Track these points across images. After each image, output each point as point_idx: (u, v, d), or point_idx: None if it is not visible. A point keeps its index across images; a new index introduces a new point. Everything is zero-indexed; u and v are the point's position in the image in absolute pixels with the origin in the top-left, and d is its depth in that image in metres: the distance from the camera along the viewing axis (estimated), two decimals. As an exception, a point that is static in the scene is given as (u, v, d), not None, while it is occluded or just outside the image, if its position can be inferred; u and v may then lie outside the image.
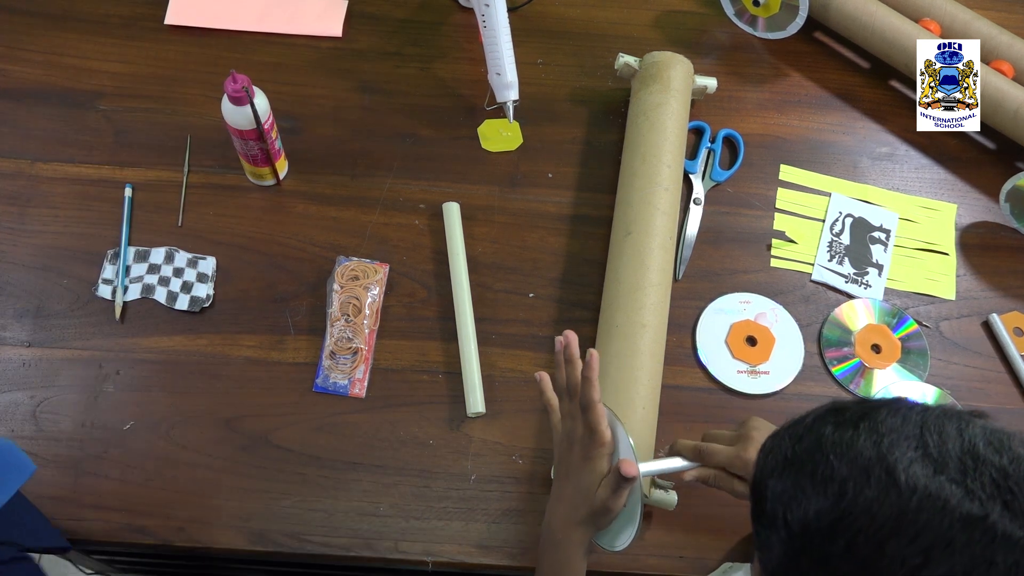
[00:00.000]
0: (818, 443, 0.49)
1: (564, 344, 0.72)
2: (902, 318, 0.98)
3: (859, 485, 0.46)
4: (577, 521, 0.71)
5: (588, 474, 0.69)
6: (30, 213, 0.96)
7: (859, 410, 0.51)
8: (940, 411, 0.49)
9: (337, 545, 0.83)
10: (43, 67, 1.05)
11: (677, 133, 0.98)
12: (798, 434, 0.52)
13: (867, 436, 0.48)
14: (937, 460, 0.46)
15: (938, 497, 0.45)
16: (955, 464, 0.46)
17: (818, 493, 0.48)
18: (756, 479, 0.53)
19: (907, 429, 0.48)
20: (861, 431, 0.48)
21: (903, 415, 0.49)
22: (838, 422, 0.50)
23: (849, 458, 0.47)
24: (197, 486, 0.84)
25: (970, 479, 0.45)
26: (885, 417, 0.49)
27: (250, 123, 0.88)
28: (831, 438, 0.49)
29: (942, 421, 0.48)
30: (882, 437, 0.47)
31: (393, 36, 1.11)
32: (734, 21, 1.13)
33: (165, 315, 0.92)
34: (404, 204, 1.00)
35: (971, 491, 0.45)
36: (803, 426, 0.52)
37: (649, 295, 0.89)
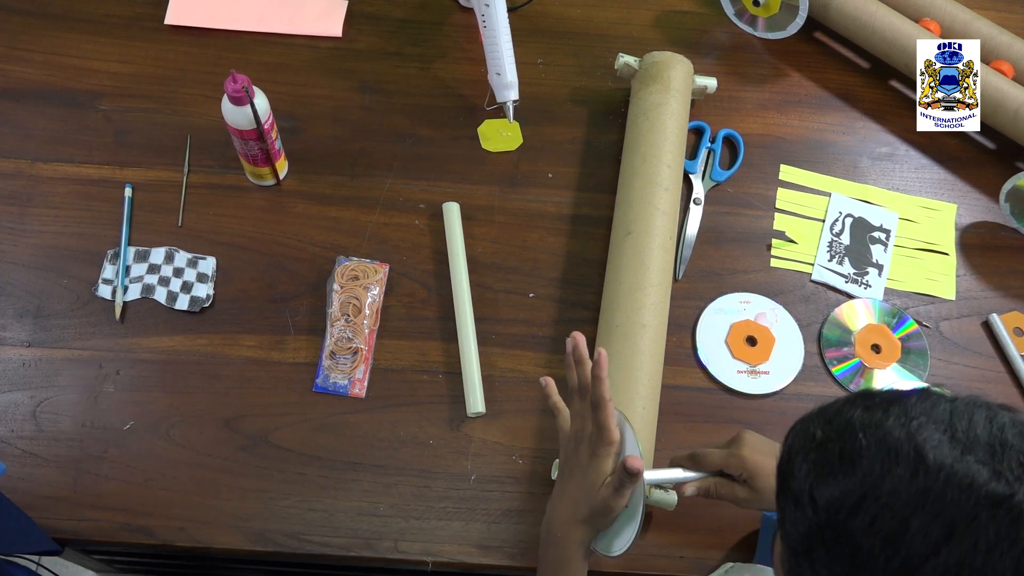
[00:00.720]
0: (848, 424, 0.50)
1: (573, 345, 0.73)
2: (902, 318, 0.98)
3: (887, 464, 0.47)
4: (579, 519, 0.71)
5: (593, 472, 0.70)
6: (30, 213, 0.96)
7: (889, 396, 0.51)
8: (969, 400, 0.49)
9: (337, 545, 0.83)
10: (43, 67, 1.05)
11: (677, 133, 0.98)
12: (827, 416, 0.52)
13: (896, 419, 0.48)
14: (965, 444, 0.46)
15: (965, 475, 0.45)
16: (983, 448, 0.46)
17: (846, 471, 0.48)
18: (783, 458, 0.54)
19: (936, 414, 0.48)
20: (891, 414, 0.49)
21: (932, 401, 0.49)
22: (868, 405, 0.51)
23: (878, 437, 0.48)
24: (197, 486, 0.84)
25: (997, 462, 0.45)
26: (915, 403, 0.49)
27: (250, 123, 0.88)
28: (861, 418, 0.50)
29: (971, 409, 0.48)
30: (911, 420, 0.48)
31: (393, 36, 1.11)
32: (734, 21, 1.13)
33: (165, 315, 0.92)
34: (404, 204, 1.00)
35: (998, 472, 0.45)
36: (832, 409, 0.53)
37: (649, 295, 0.89)
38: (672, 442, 0.89)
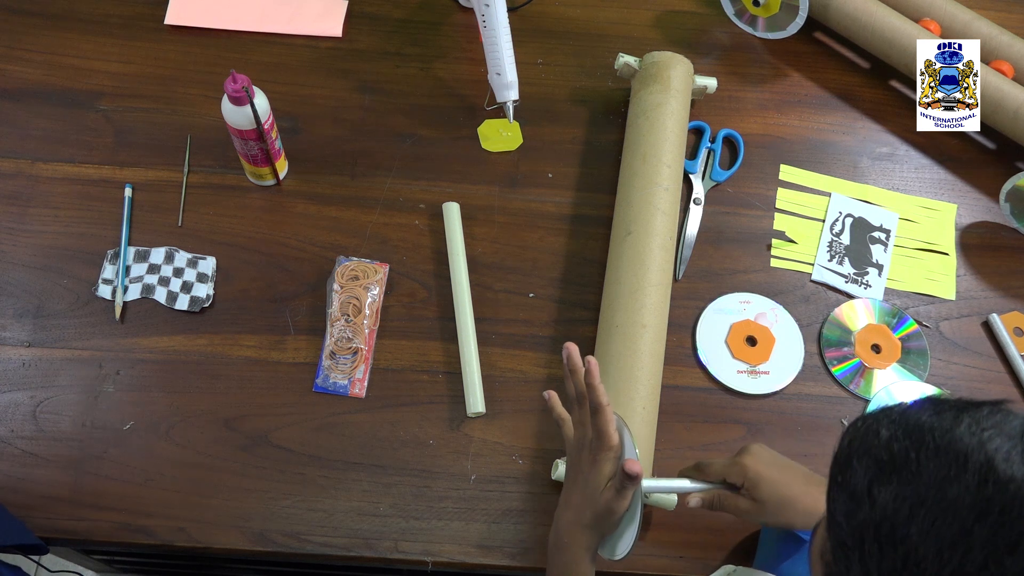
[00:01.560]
0: (916, 427, 0.49)
1: (567, 355, 0.73)
2: (902, 318, 0.98)
3: (955, 470, 0.46)
4: (583, 524, 0.71)
5: (595, 476, 0.70)
6: (30, 213, 0.96)
7: (960, 404, 0.50)
8: None
9: (337, 545, 0.83)
10: (43, 67, 1.05)
11: (677, 133, 0.98)
12: (893, 416, 0.51)
13: (968, 427, 0.47)
14: None
15: None
16: None
17: (911, 473, 0.47)
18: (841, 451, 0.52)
19: (1009, 427, 0.47)
20: (962, 421, 0.48)
21: (1004, 414, 0.48)
22: (938, 410, 0.49)
23: (946, 442, 0.47)
24: (197, 486, 0.84)
25: None
26: (987, 413, 0.48)
27: (250, 123, 0.88)
28: (930, 423, 0.48)
29: None
30: (983, 430, 0.47)
31: (393, 36, 1.11)
32: (734, 21, 1.13)
33: (165, 315, 0.92)
34: (404, 204, 1.00)
35: None
36: (898, 411, 0.51)
37: (649, 295, 0.89)
38: (672, 442, 0.89)
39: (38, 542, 0.80)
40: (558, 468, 0.83)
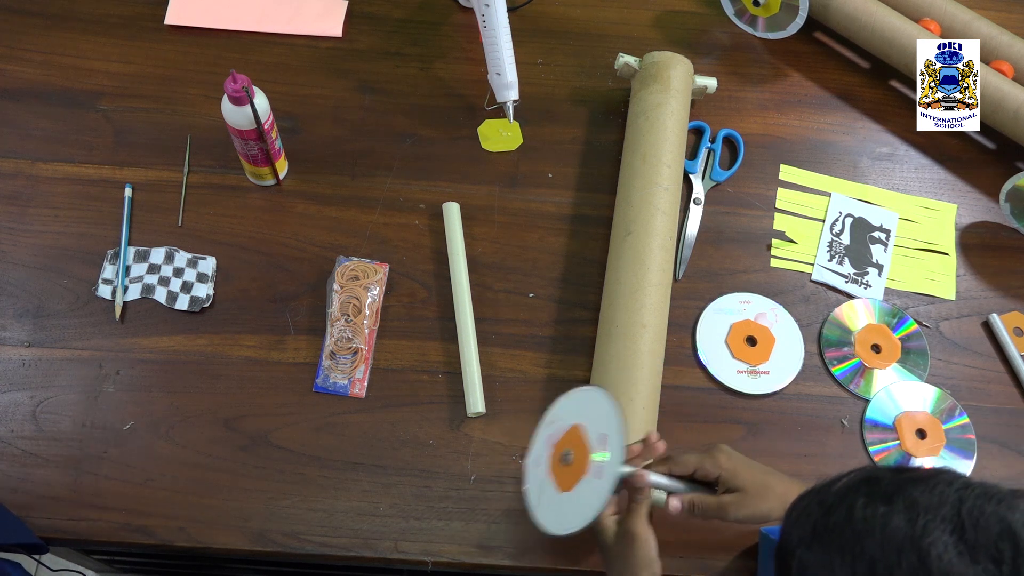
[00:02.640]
0: (849, 516, 0.48)
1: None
2: (902, 318, 0.98)
3: (890, 567, 0.45)
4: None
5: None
6: (30, 213, 0.96)
7: (894, 483, 0.49)
8: (980, 491, 0.47)
9: (337, 545, 0.83)
10: (43, 67, 1.05)
11: (677, 133, 0.98)
12: (828, 503, 0.50)
13: (900, 514, 0.46)
14: (972, 546, 0.44)
15: None
16: (991, 551, 0.44)
17: (846, 570, 0.47)
18: (782, 546, 0.52)
19: (943, 510, 0.46)
20: (895, 507, 0.47)
21: (940, 492, 0.47)
22: (871, 494, 0.48)
23: (881, 537, 0.46)
24: (197, 486, 0.84)
25: (1005, 568, 0.44)
26: (921, 494, 0.47)
27: (250, 123, 0.88)
28: (863, 513, 0.48)
29: (981, 503, 0.46)
30: (916, 516, 0.46)
31: (393, 36, 1.11)
32: (734, 21, 1.13)
33: (165, 315, 0.92)
34: (404, 204, 1.00)
35: None
36: (833, 494, 0.51)
37: (649, 295, 0.89)
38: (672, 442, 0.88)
39: (38, 541, 0.80)
40: None
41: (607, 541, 0.74)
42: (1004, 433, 0.93)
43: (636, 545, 0.71)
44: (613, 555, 0.73)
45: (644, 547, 0.71)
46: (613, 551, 0.73)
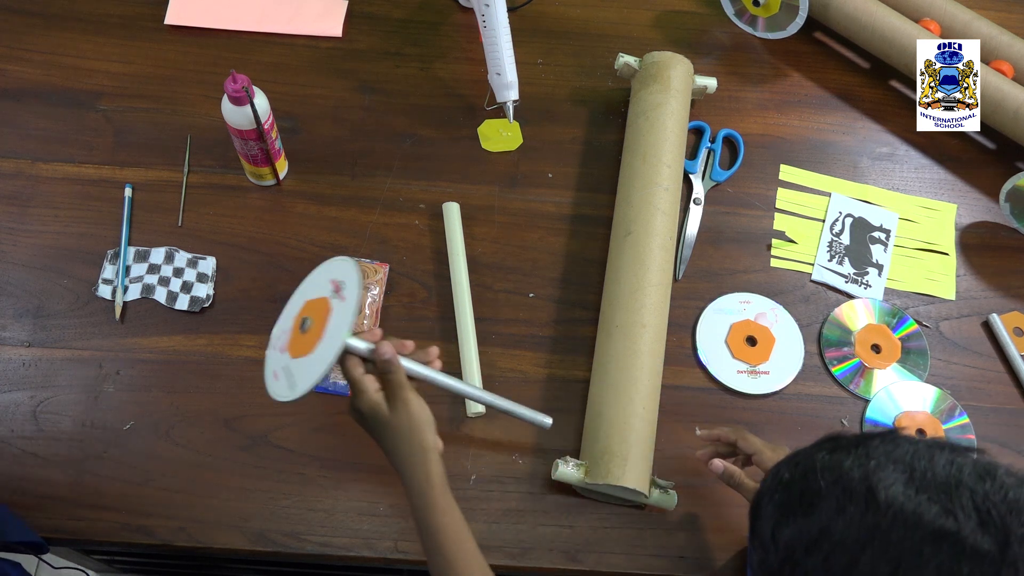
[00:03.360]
0: (811, 466, 0.51)
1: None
2: (902, 318, 0.98)
3: (841, 503, 0.48)
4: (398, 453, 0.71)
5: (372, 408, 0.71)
6: (30, 213, 0.96)
7: (855, 439, 0.52)
8: (933, 442, 0.50)
9: (337, 545, 0.83)
10: (43, 67, 1.05)
11: (677, 133, 0.98)
12: (795, 460, 0.53)
13: (856, 459, 0.49)
14: (920, 484, 0.47)
15: (913, 512, 0.46)
16: (938, 487, 0.47)
17: (805, 511, 0.49)
18: (754, 500, 0.55)
19: (896, 454, 0.49)
20: (852, 455, 0.50)
21: (896, 443, 0.50)
22: (833, 448, 0.52)
23: (835, 478, 0.49)
24: (197, 486, 0.84)
25: (949, 500, 0.46)
26: (878, 444, 0.50)
27: (250, 123, 0.88)
28: (823, 461, 0.51)
29: (932, 451, 0.49)
30: (870, 460, 0.49)
31: (393, 36, 1.11)
32: (734, 21, 1.13)
33: (165, 315, 0.92)
34: (404, 204, 1.00)
35: (948, 510, 0.46)
36: (803, 453, 0.54)
37: (649, 295, 0.89)
38: (672, 442, 0.89)
39: (39, 540, 0.80)
40: (558, 468, 0.83)
41: (383, 420, 0.71)
42: (1004, 433, 0.93)
43: (411, 408, 0.70)
44: (391, 429, 0.71)
45: (417, 406, 0.71)
46: (387, 427, 0.71)
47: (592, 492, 0.85)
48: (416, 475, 0.71)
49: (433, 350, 0.75)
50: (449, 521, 0.71)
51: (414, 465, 0.71)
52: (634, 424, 0.83)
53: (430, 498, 0.70)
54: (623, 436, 0.82)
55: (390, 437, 0.71)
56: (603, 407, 0.85)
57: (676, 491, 0.84)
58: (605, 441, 0.83)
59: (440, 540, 0.70)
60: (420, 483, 0.71)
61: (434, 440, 0.72)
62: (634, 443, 0.82)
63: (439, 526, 0.70)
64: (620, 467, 0.81)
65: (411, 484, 0.71)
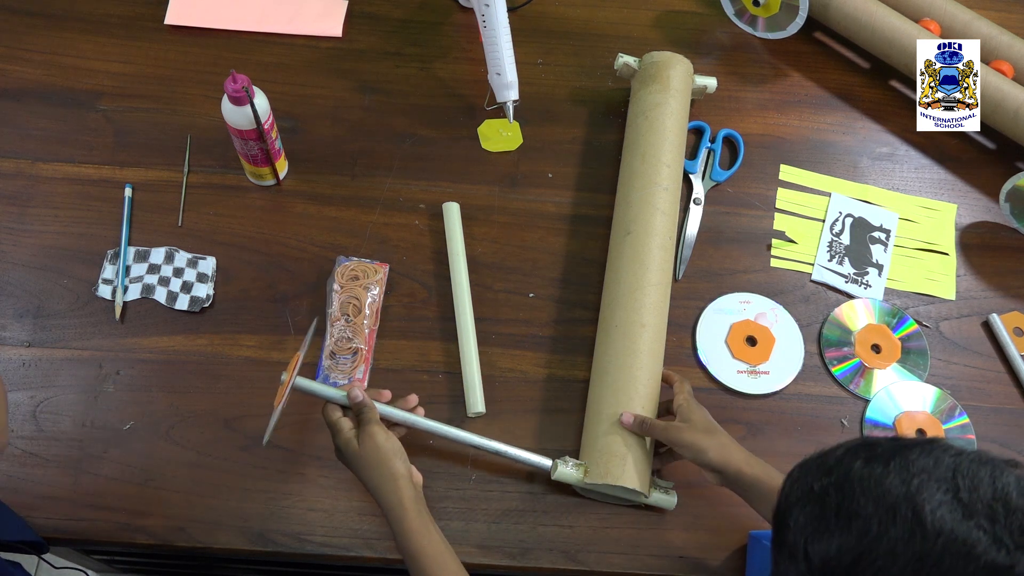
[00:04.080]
0: (846, 477, 0.48)
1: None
2: (902, 318, 0.98)
3: (884, 523, 0.46)
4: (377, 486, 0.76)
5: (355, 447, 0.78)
6: (30, 213, 0.96)
7: (891, 447, 0.50)
8: (975, 456, 0.48)
9: (337, 545, 0.83)
10: (43, 67, 1.05)
11: (676, 133, 0.98)
12: (827, 466, 0.51)
13: (897, 474, 0.47)
14: (967, 505, 0.45)
15: (964, 542, 0.44)
16: (985, 510, 0.45)
17: (842, 528, 0.47)
18: (780, 507, 0.52)
19: (939, 471, 0.47)
20: (891, 469, 0.47)
21: (936, 457, 0.48)
22: (869, 457, 0.49)
23: (877, 495, 0.47)
24: (197, 486, 0.84)
25: (999, 527, 0.44)
26: (917, 457, 0.48)
27: (250, 123, 0.88)
28: (860, 472, 0.48)
29: (975, 467, 0.47)
30: (912, 476, 0.46)
31: (393, 36, 1.11)
32: (734, 21, 1.13)
33: (165, 315, 0.92)
34: (404, 204, 1.00)
35: (998, 539, 0.44)
36: (833, 458, 0.51)
37: (648, 295, 0.89)
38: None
39: (39, 539, 0.80)
40: (557, 468, 0.83)
41: (354, 451, 0.77)
42: (1004, 433, 0.93)
43: (377, 440, 0.76)
44: (362, 460, 0.77)
45: (382, 438, 0.76)
46: (359, 459, 0.77)
47: (592, 492, 0.85)
48: (389, 501, 0.75)
49: (412, 398, 0.82)
50: (426, 543, 0.73)
51: (387, 492, 0.75)
52: (634, 424, 0.83)
53: (405, 522, 0.74)
54: (622, 436, 0.82)
55: (363, 468, 0.77)
56: (602, 407, 0.85)
57: (677, 491, 0.84)
58: (604, 441, 0.83)
59: (421, 563, 0.73)
60: (394, 508, 0.75)
61: (405, 468, 0.77)
62: (633, 443, 0.82)
63: (417, 549, 0.73)
64: (619, 467, 0.81)
65: (387, 510, 0.76)
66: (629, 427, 0.82)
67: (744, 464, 0.76)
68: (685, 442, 0.78)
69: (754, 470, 0.76)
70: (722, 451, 0.77)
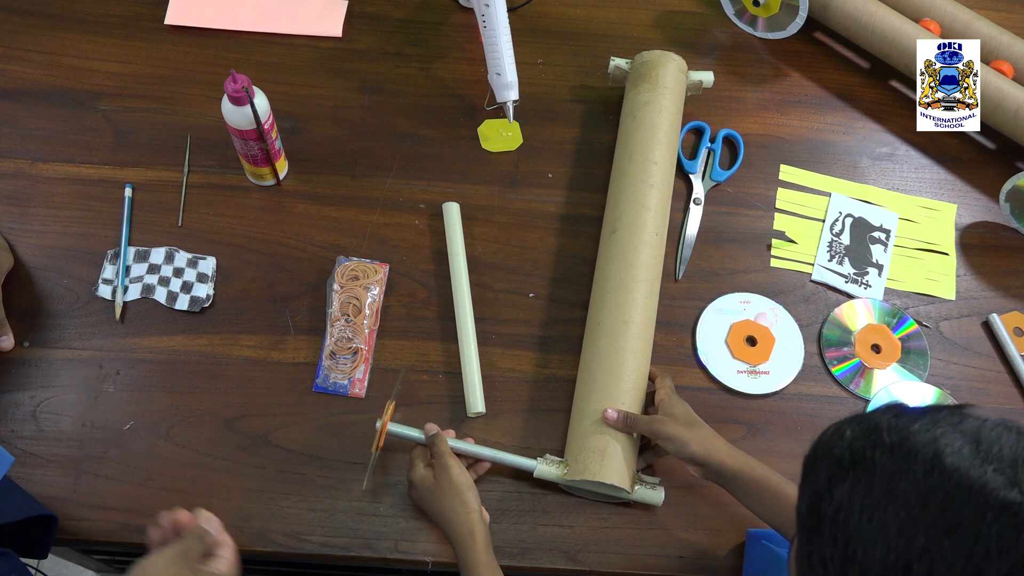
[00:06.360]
0: (875, 427, 0.51)
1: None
2: (902, 318, 0.98)
3: (908, 464, 0.47)
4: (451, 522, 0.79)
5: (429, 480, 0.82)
6: (30, 213, 0.96)
7: (923, 408, 0.52)
8: (1001, 421, 0.50)
9: (337, 545, 0.83)
10: (43, 67, 1.05)
11: (666, 130, 0.98)
12: (859, 419, 0.53)
13: (923, 426, 0.49)
14: (986, 455, 0.47)
15: (978, 479, 0.45)
16: (1005, 462, 0.46)
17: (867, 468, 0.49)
18: (810, 453, 0.54)
19: (964, 427, 0.49)
20: (919, 422, 0.50)
21: (963, 416, 0.50)
22: (898, 413, 0.51)
23: (901, 438, 0.49)
24: (197, 486, 0.84)
25: (1016, 475, 0.46)
26: (946, 415, 0.50)
27: (250, 123, 0.88)
28: (888, 423, 0.50)
29: (1000, 429, 0.48)
30: (937, 427, 0.49)
31: (393, 36, 1.11)
32: (734, 21, 1.13)
33: (165, 315, 0.92)
34: (404, 204, 1.00)
35: (1014, 482, 0.45)
36: (862, 415, 0.54)
37: (633, 292, 0.88)
38: (672, 442, 0.89)
39: (50, 513, 0.79)
40: (539, 466, 0.83)
41: (429, 484, 0.80)
42: (1004, 433, 0.93)
43: (452, 473, 0.79)
44: (437, 491, 0.80)
45: (457, 472, 0.80)
46: (435, 490, 0.80)
47: (581, 491, 0.85)
48: (460, 532, 0.78)
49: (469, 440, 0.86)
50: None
51: (459, 524, 0.78)
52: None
53: (474, 554, 0.76)
54: (603, 433, 0.82)
55: (437, 499, 0.80)
56: (586, 404, 0.85)
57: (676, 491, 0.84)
58: (584, 438, 0.83)
59: None
60: (463, 539, 0.77)
61: (477, 503, 0.79)
62: (614, 439, 0.82)
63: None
64: (597, 463, 0.81)
65: (455, 541, 0.78)
66: (613, 423, 0.83)
67: (726, 456, 0.78)
68: (667, 435, 0.80)
69: (736, 462, 0.78)
70: (704, 444, 0.79)
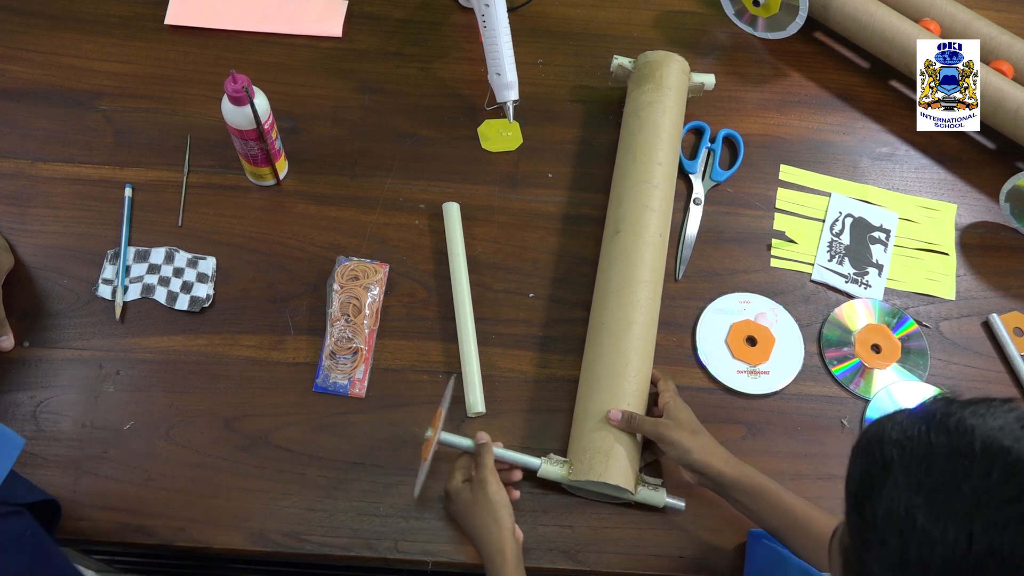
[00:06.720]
0: (928, 414, 0.51)
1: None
2: (902, 318, 0.98)
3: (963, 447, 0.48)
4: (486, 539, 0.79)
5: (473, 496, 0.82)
6: (30, 213, 0.96)
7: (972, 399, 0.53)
8: None
9: (337, 545, 0.83)
10: (43, 67, 1.05)
11: (669, 131, 0.98)
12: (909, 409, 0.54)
13: (972, 413, 0.50)
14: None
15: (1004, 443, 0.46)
16: None
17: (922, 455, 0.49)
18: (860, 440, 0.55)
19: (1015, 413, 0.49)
20: (968, 410, 0.50)
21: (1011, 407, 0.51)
22: (948, 401, 0.52)
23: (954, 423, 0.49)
24: (197, 486, 0.84)
25: None
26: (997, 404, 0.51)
27: (250, 123, 0.88)
28: (938, 409, 0.51)
29: None
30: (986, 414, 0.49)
31: (393, 36, 1.11)
32: (734, 21, 1.13)
33: (165, 315, 0.92)
34: (404, 204, 1.00)
35: None
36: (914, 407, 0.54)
37: (636, 292, 0.88)
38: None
39: (52, 498, 0.79)
40: (543, 466, 0.83)
41: (465, 498, 0.81)
42: (1004, 433, 0.93)
43: (489, 489, 0.79)
44: (472, 505, 0.80)
45: (494, 488, 0.80)
46: (471, 504, 0.80)
47: (583, 491, 0.85)
48: (491, 548, 0.78)
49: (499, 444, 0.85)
50: None
51: (491, 540, 0.78)
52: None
53: (504, 572, 0.77)
54: (607, 433, 0.82)
55: (472, 513, 0.80)
56: (589, 404, 0.85)
57: (676, 491, 0.84)
58: (589, 438, 0.83)
59: None
60: (495, 556, 0.77)
61: (511, 522, 0.79)
62: (618, 440, 0.82)
63: None
64: (602, 463, 0.81)
65: (486, 557, 0.79)
66: (617, 423, 0.83)
67: (725, 465, 0.78)
68: (671, 440, 0.80)
69: (735, 471, 0.78)
70: (705, 452, 0.79)
